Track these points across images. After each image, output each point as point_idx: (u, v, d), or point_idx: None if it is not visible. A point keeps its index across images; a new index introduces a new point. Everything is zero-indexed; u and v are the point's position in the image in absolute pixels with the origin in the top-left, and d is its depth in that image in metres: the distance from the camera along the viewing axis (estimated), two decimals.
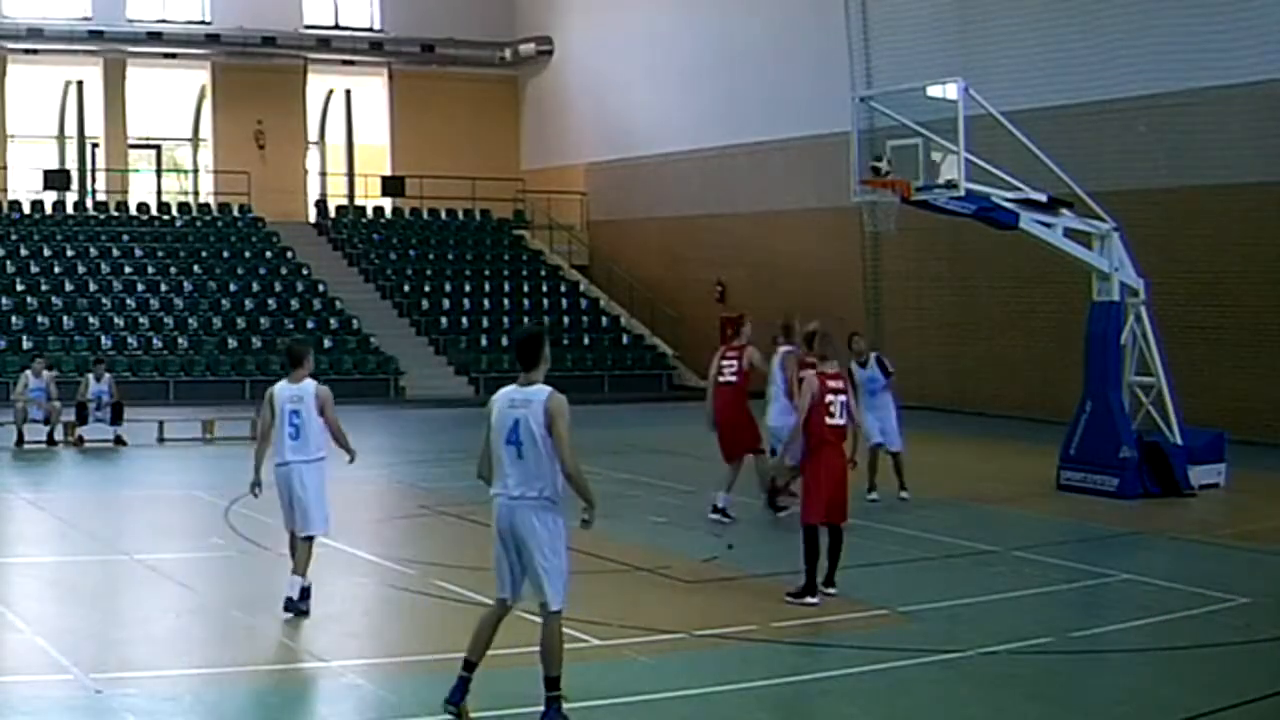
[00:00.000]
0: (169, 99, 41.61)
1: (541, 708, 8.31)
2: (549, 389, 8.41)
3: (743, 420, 15.67)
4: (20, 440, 22.19)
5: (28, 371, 23.05)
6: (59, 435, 22.50)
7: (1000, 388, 28.09)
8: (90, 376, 23.33)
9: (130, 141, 39.83)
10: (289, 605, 10.85)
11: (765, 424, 15.69)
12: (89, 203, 38.40)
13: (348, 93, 43.18)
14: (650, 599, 11.96)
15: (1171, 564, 14.12)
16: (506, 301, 36.66)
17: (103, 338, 31.61)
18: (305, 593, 10.99)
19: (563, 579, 8.42)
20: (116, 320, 32.50)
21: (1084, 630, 10.85)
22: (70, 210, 37.32)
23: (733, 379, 15.67)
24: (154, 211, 38.36)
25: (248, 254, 36.52)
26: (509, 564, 8.49)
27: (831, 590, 11.63)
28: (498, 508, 8.46)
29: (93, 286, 33.64)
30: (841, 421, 11.75)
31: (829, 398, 11.72)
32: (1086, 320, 18.51)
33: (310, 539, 11.17)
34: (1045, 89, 25.12)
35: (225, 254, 36.17)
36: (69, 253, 34.72)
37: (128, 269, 34.62)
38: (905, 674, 9.75)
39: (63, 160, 40.33)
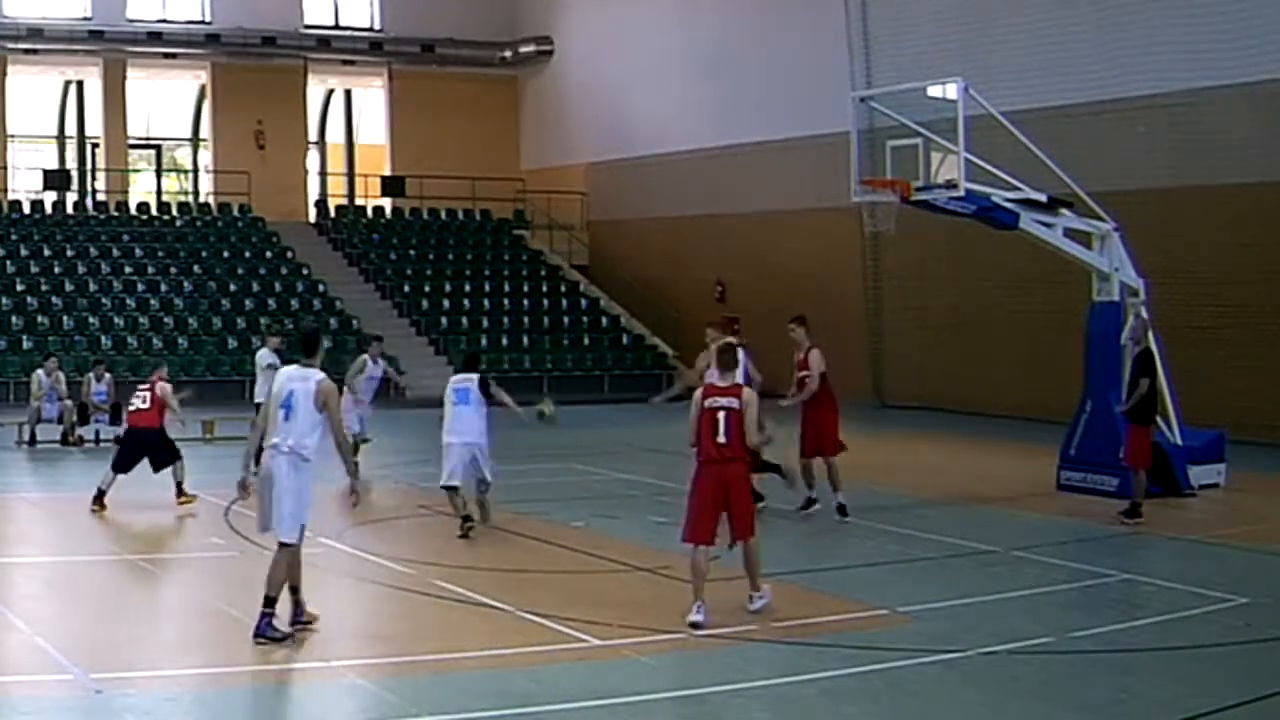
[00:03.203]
0: (169, 99, 41.66)
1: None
2: (323, 374, 10.41)
3: None
4: (33, 439, 22.27)
5: (39, 371, 23.11)
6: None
7: (1000, 388, 28.09)
8: (91, 376, 23.37)
9: (130, 141, 39.83)
10: None
11: None
12: (89, 203, 38.41)
13: (348, 93, 43.23)
14: (650, 599, 11.96)
15: (1171, 564, 14.13)
16: (506, 301, 36.65)
17: (103, 338, 31.59)
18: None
19: (296, 520, 10.29)
20: (116, 320, 32.49)
21: (1084, 630, 10.84)
22: (70, 210, 37.30)
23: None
24: (154, 211, 38.35)
25: (248, 254, 36.52)
26: (265, 503, 10.34)
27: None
28: (269, 456, 10.32)
29: (93, 286, 33.63)
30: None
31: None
32: (1086, 320, 18.53)
33: None
34: (1045, 89, 25.11)
35: (225, 254, 36.16)
36: (69, 253, 34.71)
37: (128, 269, 34.61)
38: (905, 674, 9.74)
39: (63, 160, 40.37)
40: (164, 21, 38.45)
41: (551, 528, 15.13)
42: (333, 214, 40.16)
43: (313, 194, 41.30)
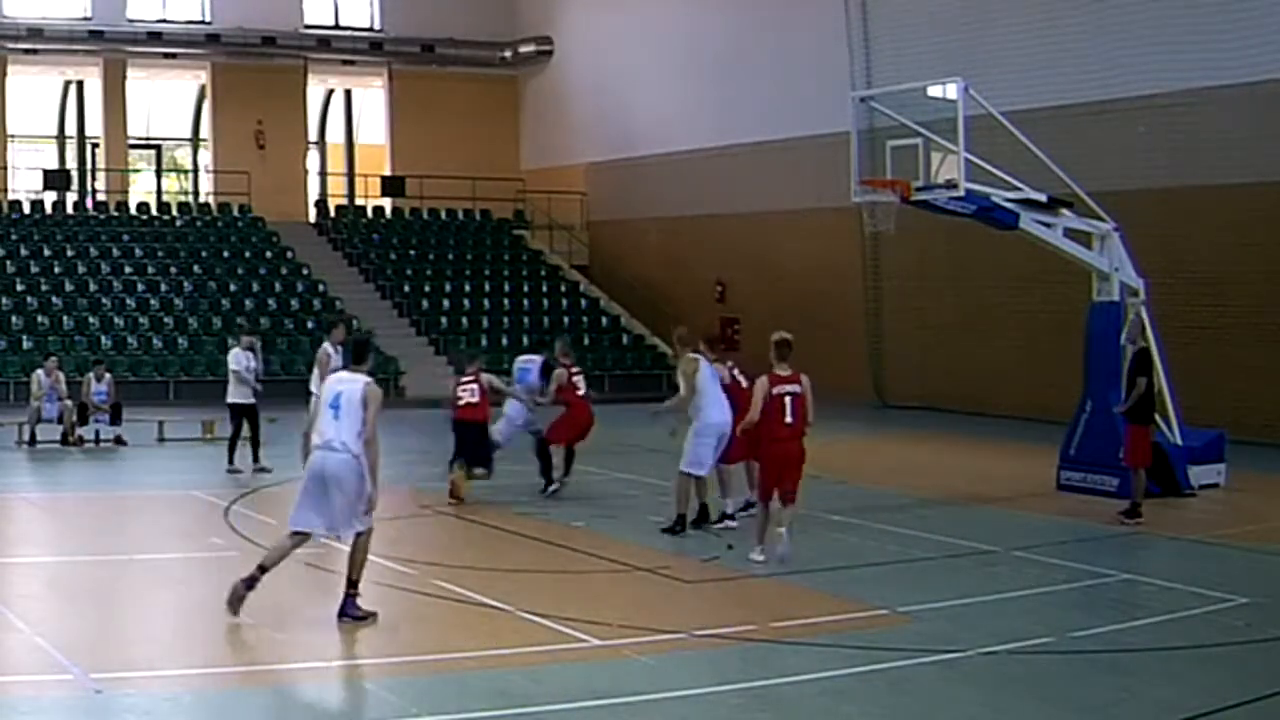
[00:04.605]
0: (169, 99, 41.66)
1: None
2: (370, 379, 10.93)
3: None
4: (33, 439, 22.28)
5: (39, 371, 23.11)
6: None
7: (1000, 388, 28.09)
8: (90, 376, 23.37)
9: (130, 141, 39.85)
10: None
11: None
12: (89, 203, 38.44)
13: (348, 93, 43.24)
14: (650, 599, 11.97)
15: (1171, 564, 14.13)
16: (506, 301, 36.66)
17: (103, 338, 31.61)
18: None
19: (361, 511, 10.71)
20: (116, 320, 32.50)
21: (1084, 630, 10.84)
22: (70, 210, 37.32)
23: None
24: (154, 211, 38.37)
25: (248, 254, 36.52)
26: (314, 500, 10.73)
27: None
28: (315, 456, 10.78)
29: (93, 286, 33.64)
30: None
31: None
32: (1086, 320, 18.52)
33: None
34: (1045, 89, 25.11)
35: (225, 254, 36.17)
36: (69, 253, 34.73)
37: (128, 269, 34.62)
38: (905, 674, 9.74)
39: (63, 160, 40.39)
40: (164, 21, 38.46)
41: (551, 528, 15.13)
42: (333, 214, 40.19)
43: (313, 194, 41.32)
